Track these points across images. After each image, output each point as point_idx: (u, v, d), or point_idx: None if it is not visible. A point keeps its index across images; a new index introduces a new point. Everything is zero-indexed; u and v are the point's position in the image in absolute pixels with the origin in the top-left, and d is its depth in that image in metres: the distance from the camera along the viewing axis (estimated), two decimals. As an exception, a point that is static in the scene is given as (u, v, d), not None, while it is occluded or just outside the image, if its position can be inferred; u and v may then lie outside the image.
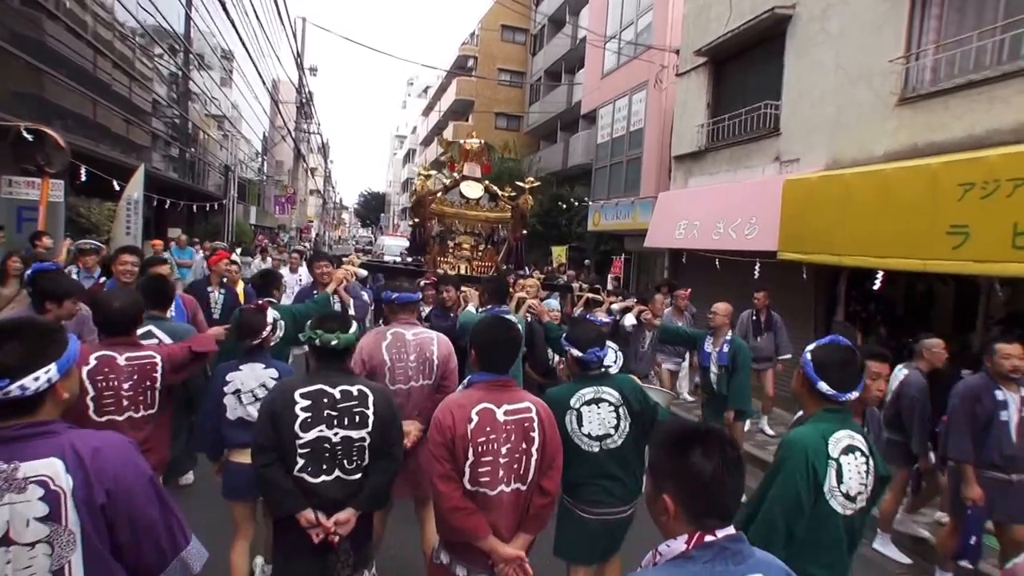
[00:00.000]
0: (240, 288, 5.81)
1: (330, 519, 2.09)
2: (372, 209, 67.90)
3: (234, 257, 8.18)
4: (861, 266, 5.90)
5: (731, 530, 1.14)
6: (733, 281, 7.71)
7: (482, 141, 6.29)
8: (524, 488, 2.02)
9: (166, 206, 14.10)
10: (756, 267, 7.29)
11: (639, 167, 12.00)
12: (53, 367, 1.38)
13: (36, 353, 1.37)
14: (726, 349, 4.71)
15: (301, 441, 2.05)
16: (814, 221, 6.49)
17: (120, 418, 2.37)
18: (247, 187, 25.26)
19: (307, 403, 2.08)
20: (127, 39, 12.10)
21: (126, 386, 2.37)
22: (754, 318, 6.55)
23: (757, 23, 7.91)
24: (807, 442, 1.87)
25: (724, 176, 8.91)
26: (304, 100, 22.98)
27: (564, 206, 16.76)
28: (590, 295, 5.54)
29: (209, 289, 5.28)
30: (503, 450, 1.97)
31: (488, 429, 1.97)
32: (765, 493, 1.92)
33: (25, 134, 7.21)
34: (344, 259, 5.92)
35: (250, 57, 15.87)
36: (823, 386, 1.92)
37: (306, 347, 3.85)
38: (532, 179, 6.39)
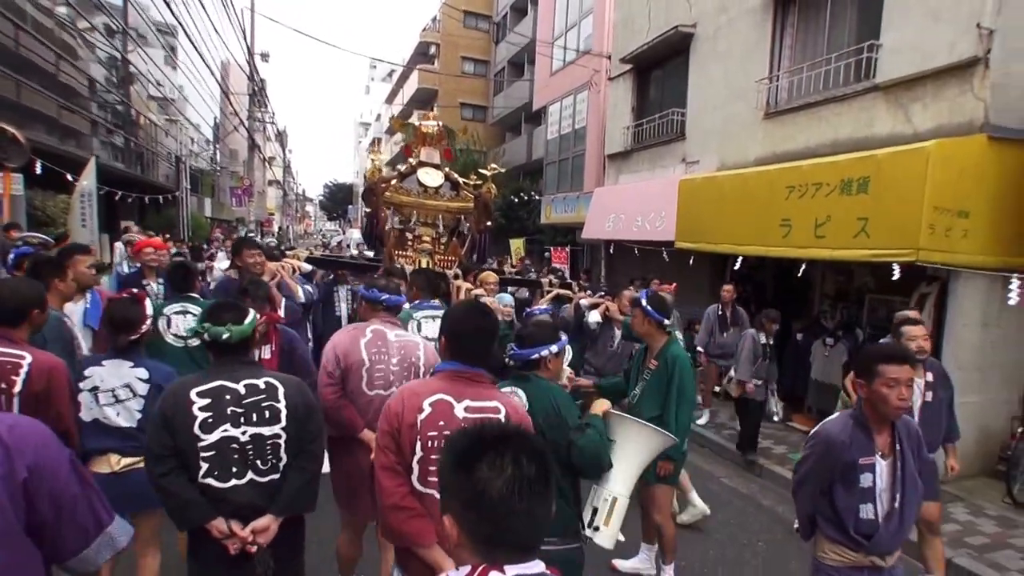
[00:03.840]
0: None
1: (246, 527, 2.06)
2: (338, 201, 68.52)
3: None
4: (729, 252, 7.71)
5: (530, 568, 1.01)
6: (648, 267, 9.63)
7: (440, 124, 6.20)
8: None
9: (116, 198, 15.34)
10: (664, 254, 9.12)
11: (583, 163, 13.80)
12: None
13: None
14: None
15: (203, 443, 2.03)
16: (699, 215, 8.30)
17: None
18: (200, 178, 26.50)
19: (206, 402, 2.05)
20: (55, 12, 12.77)
21: None
22: (720, 313, 7.06)
23: (667, 37, 9.71)
24: (683, 352, 3.49)
25: (645, 174, 10.73)
26: (256, 88, 24.31)
27: (520, 199, 18.47)
28: (560, 291, 5.77)
29: (145, 281, 5.27)
30: None
31: (442, 424, 1.91)
32: (675, 396, 3.34)
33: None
34: (288, 252, 6.05)
35: (187, 38, 17.00)
36: (666, 321, 3.49)
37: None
38: (495, 166, 6.43)
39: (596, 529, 2.58)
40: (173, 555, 2.95)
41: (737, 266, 7.57)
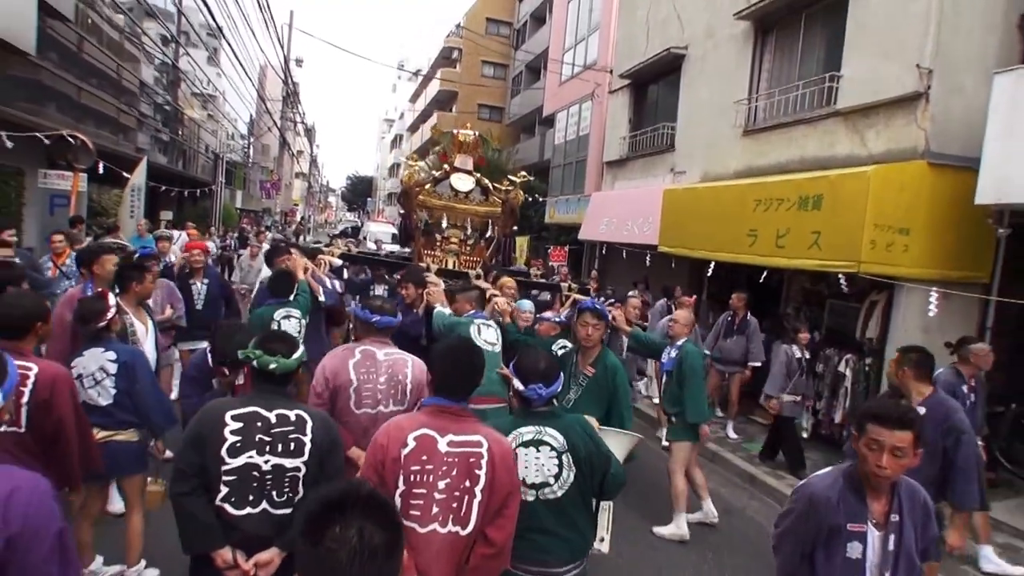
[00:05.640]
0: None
1: (251, 559, 2.03)
2: (359, 193, 70.07)
3: (210, 245, 9.97)
4: (703, 258, 8.23)
5: None
6: (635, 268, 10.20)
7: (476, 133, 6.33)
8: (464, 532, 1.92)
9: (160, 191, 16.17)
10: (647, 257, 9.67)
11: (585, 168, 14.33)
12: None
13: None
14: (673, 355, 4.61)
15: (227, 467, 2.01)
16: (680, 223, 8.83)
17: None
18: (234, 171, 27.47)
19: (238, 426, 2.04)
20: (119, 15, 13.57)
21: None
22: (729, 319, 7.07)
23: (661, 57, 10.19)
24: (618, 360, 3.61)
25: (639, 181, 11.25)
26: (290, 91, 25.11)
27: (527, 200, 18.97)
28: (577, 296, 5.60)
29: (191, 281, 5.51)
30: (440, 484, 1.90)
31: (425, 458, 1.91)
32: (621, 403, 3.40)
33: (68, 138, 9.47)
34: (324, 248, 6.18)
35: (229, 46, 17.82)
36: None
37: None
38: (524, 173, 6.55)
39: (602, 540, 2.61)
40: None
41: (710, 271, 8.08)
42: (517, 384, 2.26)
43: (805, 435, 6.86)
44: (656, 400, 7.06)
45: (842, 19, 6.84)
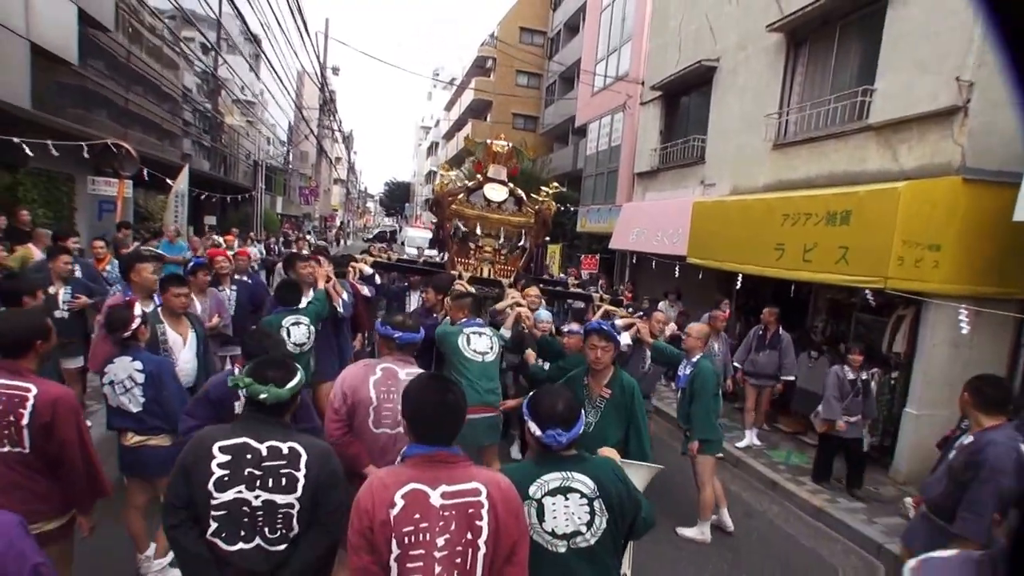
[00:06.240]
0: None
1: None
2: (397, 199, 71.63)
3: (250, 250, 10.40)
4: (731, 269, 8.21)
5: None
6: (664, 278, 10.22)
7: (510, 144, 6.31)
8: None
9: (202, 197, 16.82)
10: (676, 268, 9.67)
11: (616, 179, 14.37)
12: None
13: None
14: (687, 371, 4.61)
15: (216, 502, 1.93)
16: (708, 234, 8.82)
17: None
18: (273, 177, 28.39)
19: (226, 458, 1.96)
20: (164, 28, 14.15)
21: None
22: (760, 333, 7.02)
23: (693, 69, 10.21)
24: (632, 379, 3.75)
25: (669, 193, 11.25)
26: (327, 99, 25.84)
27: (562, 208, 19.09)
28: (608, 307, 5.65)
29: (220, 287, 5.56)
30: (439, 541, 1.74)
31: (418, 516, 1.74)
32: (640, 423, 3.27)
33: (112, 147, 10.04)
34: (357, 257, 6.16)
35: (265, 56, 18.46)
36: None
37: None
38: (556, 184, 6.57)
39: None
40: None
41: (739, 284, 8.05)
42: (534, 429, 2.07)
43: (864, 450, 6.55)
44: None
45: (878, 31, 6.78)
